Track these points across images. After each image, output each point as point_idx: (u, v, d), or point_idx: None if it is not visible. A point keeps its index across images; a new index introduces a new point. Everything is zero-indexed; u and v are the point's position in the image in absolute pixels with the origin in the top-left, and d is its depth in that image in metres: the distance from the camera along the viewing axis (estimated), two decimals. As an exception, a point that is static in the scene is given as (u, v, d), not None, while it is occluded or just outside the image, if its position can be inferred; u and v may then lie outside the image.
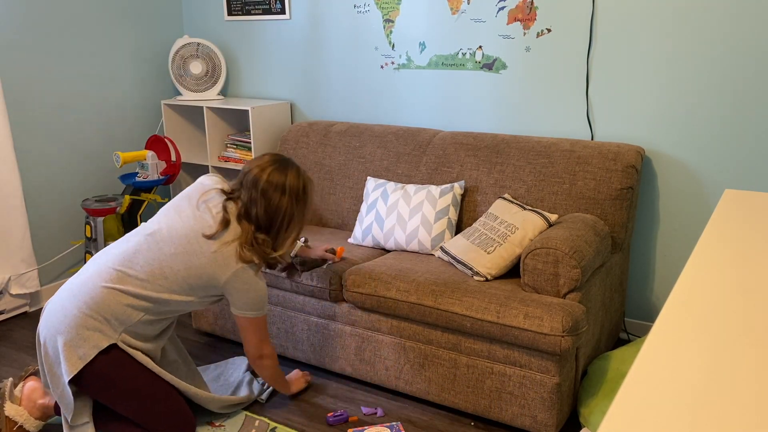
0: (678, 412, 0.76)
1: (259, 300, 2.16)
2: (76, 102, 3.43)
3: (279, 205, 2.11)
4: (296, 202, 2.15)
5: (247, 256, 2.07)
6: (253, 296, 2.13)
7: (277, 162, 2.16)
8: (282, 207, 2.12)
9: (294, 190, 2.13)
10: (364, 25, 3.31)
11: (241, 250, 2.07)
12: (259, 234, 2.11)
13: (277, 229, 2.15)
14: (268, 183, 2.10)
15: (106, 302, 2.03)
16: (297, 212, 2.16)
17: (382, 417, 2.37)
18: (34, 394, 2.24)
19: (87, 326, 2.01)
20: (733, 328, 0.98)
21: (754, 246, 1.33)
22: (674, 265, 2.78)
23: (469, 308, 2.18)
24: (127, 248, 2.11)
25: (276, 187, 2.10)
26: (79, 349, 2.01)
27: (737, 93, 2.51)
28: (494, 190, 2.73)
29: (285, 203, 2.12)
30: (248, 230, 2.09)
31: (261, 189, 2.09)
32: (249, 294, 2.12)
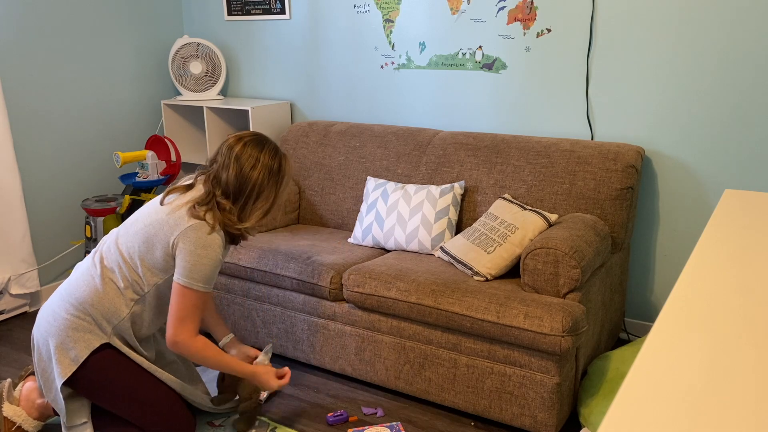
0: (678, 412, 0.76)
1: (201, 267, 1.99)
2: (76, 102, 3.43)
3: (250, 174, 2.04)
4: (268, 176, 2.07)
5: (198, 212, 2.00)
6: (195, 260, 1.98)
7: (256, 136, 2.12)
8: (252, 177, 2.04)
9: (268, 164, 2.07)
10: (364, 25, 3.31)
11: (193, 209, 2.00)
12: (223, 200, 2.04)
13: (245, 199, 2.06)
14: (243, 150, 2.05)
15: (91, 301, 2.03)
16: (268, 187, 2.08)
17: (382, 417, 2.37)
18: (33, 394, 2.24)
19: (77, 328, 2.01)
20: (733, 328, 0.98)
21: (754, 246, 1.33)
22: (674, 265, 2.78)
23: (469, 308, 2.18)
24: (106, 244, 2.12)
25: (250, 156, 2.05)
26: (71, 352, 2.01)
27: (737, 93, 2.51)
28: (494, 190, 2.73)
29: (256, 174, 2.05)
30: (209, 191, 2.04)
31: (235, 155, 2.04)
32: (193, 256, 1.98)
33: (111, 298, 2.04)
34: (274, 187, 2.11)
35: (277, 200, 2.15)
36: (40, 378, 2.08)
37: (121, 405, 2.07)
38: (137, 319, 2.10)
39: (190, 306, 2.02)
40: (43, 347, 2.06)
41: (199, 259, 1.98)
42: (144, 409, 2.08)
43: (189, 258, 1.98)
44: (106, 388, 2.04)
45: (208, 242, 1.99)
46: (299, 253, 2.64)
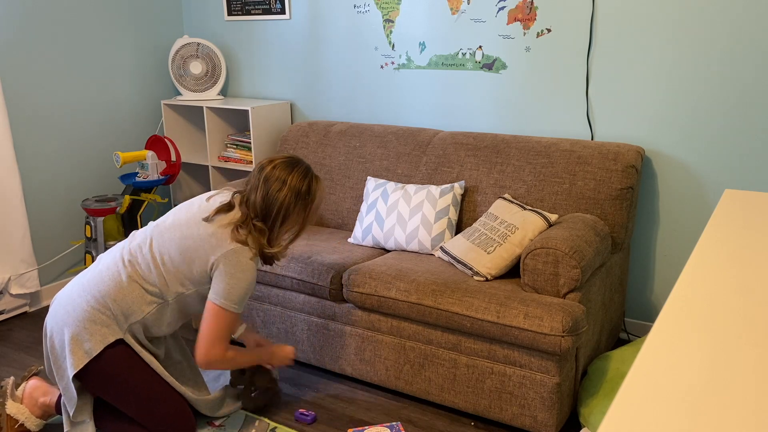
0: (678, 412, 0.76)
1: (238, 290, 2.03)
2: (76, 102, 3.43)
3: (277, 196, 2.05)
4: (296, 198, 2.08)
5: (241, 236, 2.03)
6: (234, 283, 2.02)
7: (288, 159, 2.13)
8: (279, 198, 2.05)
9: (295, 187, 2.08)
10: (364, 25, 3.31)
11: (236, 231, 2.03)
12: (258, 222, 2.06)
13: (272, 222, 2.08)
14: (272, 172, 2.07)
15: (114, 295, 2.03)
16: (296, 210, 2.10)
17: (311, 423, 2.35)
18: (36, 393, 2.24)
19: (95, 320, 2.01)
20: (733, 328, 0.98)
21: (754, 246, 1.33)
22: (674, 265, 2.78)
23: (469, 308, 2.19)
24: (138, 242, 2.12)
25: (278, 178, 2.06)
26: (85, 344, 2.01)
27: (737, 93, 2.51)
28: (494, 190, 2.73)
29: (283, 195, 2.06)
30: (246, 214, 2.07)
31: (264, 176, 2.07)
32: (233, 279, 2.02)
33: (134, 297, 2.05)
34: (303, 210, 2.12)
35: (306, 223, 2.16)
36: (53, 367, 2.09)
37: (127, 401, 2.07)
38: (154, 322, 2.11)
39: (224, 326, 2.06)
40: (57, 336, 2.05)
41: (237, 282, 2.02)
42: (149, 407, 2.09)
43: (228, 280, 2.02)
44: (114, 383, 2.05)
45: (248, 266, 2.04)
46: (299, 253, 2.64)
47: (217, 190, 2.24)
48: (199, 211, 2.11)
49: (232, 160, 3.60)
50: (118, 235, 3.27)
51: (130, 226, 3.36)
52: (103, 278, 2.06)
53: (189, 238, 2.05)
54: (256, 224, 2.06)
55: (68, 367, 2.02)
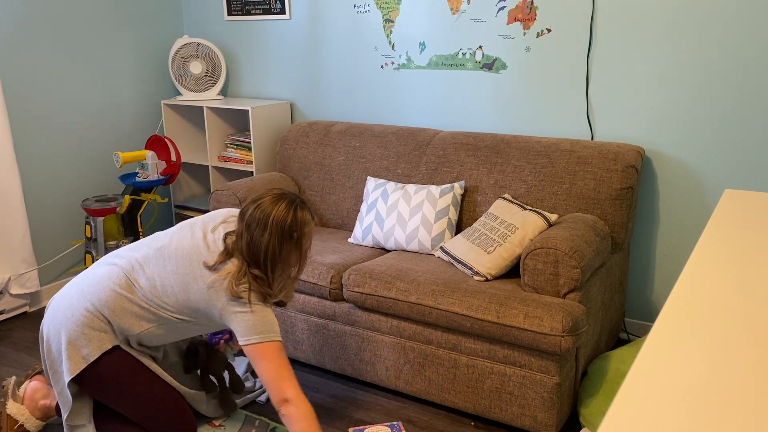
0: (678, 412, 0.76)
1: (260, 323, 1.93)
2: (76, 102, 3.43)
3: (261, 241, 1.92)
4: (281, 240, 1.93)
5: (237, 291, 1.92)
6: (252, 320, 1.92)
7: (273, 195, 1.98)
8: (263, 244, 1.92)
9: (278, 226, 1.92)
10: (364, 25, 3.31)
11: (232, 286, 1.92)
12: (254, 270, 1.95)
13: (265, 268, 1.95)
14: (252, 215, 1.93)
15: (113, 307, 2.01)
16: (283, 251, 1.95)
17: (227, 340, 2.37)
18: (37, 394, 2.24)
19: (93, 326, 2.01)
20: (733, 328, 0.98)
21: (754, 246, 1.33)
22: (674, 265, 2.78)
23: (469, 308, 2.18)
24: (138, 258, 2.06)
25: (259, 222, 1.92)
26: (83, 349, 2.00)
27: (737, 93, 2.51)
28: (494, 190, 2.73)
29: (266, 241, 1.92)
30: (240, 265, 1.95)
31: (246, 223, 1.94)
32: (247, 319, 1.93)
33: (128, 315, 2.02)
34: (290, 250, 1.98)
35: (305, 258, 2.04)
36: (49, 370, 2.08)
37: (125, 404, 2.07)
38: (150, 339, 2.09)
39: (281, 361, 1.92)
40: (54, 340, 2.04)
41: (254, 317, 1.92)
42: (149, 409, 2.08)
43: (250, 317, 1.92)
44: (113, 386, 2.04)
45: (253, 307, 1.94)
46: (299, 253, 2.64)
47: (223, 214, 2.12)
48: (202, 246, 2.01)
49: (232, 160, 3.60)
50: (118, 235, 3.27)
51: (130, 226, 3.36)
52: (103, 287, 2.03)
53: (192, 278, 1.98)
54: (254, 273, 1.95)
55: (65, 372, 2.01)
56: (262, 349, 1.92)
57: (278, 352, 1.93)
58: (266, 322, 1.93)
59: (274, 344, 1.93)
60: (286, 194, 2.00)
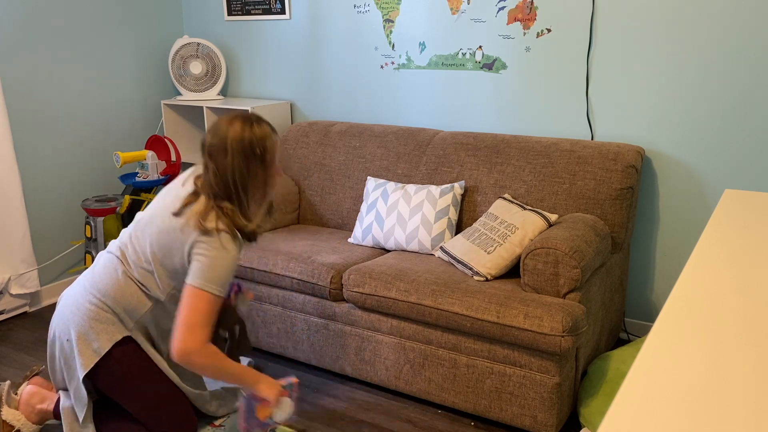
0: (678, 412, 0.76)
1: (215, 268, 1.86)
2: (76, 102, 3.43)
3: (224, 165, 1.85)
4: (244, 159, 1.87)
5: (209, 225, 1.87)
6: (210, 262, 1.86)
7: (226, 118, 1.92)
8: (228, 168, 1.86)
9: (238, 145, 1.86)
10: (364, 25, 3.31)
11: (201, 222, 1.87)
12: (223, 203, 1.89)
13: (236, 196, 1.89)
14: (211, 144, 1.87)
15: (113, 294, 2.01)
16: (250, 171, 1.89)
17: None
18: (33, 399, 2.23)
19: (100, 319, 2.00)
20: (733, 328, 0.98)
21: (754, 246, 1.33)
22: (674, 265, 2.78)
23: (469, 308, 2.19)
24: (125, 238, 2.08)
25: (219, 147, 1.86)
26: (93, 343, 1.99)
27: (737, 93, 2.51)
28: (494, 190, 2.73)
29: (230, 163, 1.85)
30: (208, 199, 1.90)
31: (207, 152, 1.89)
32: (208, 259, 1.87)
33: (132, 293, 2.01)
34: (261, 167, 1.91)
35: (273, 179, 1.97)
36: (63, 367, 2.06)
37: (132, 400, 2.06)
38: (159, 313, 2.07)
39: (203, 310, 1.87)
40: (64, 337, 2.03)
41: (213, 261, 1.87)
42: (154, 407, 2.07)
43: (204, 260, 1.88)
44: (123, 381, 2.03)
45: (222, 245, 1.88)
46: (299, 253, 2.64)
47: (192, 168, 2.09)
48: (173, 201, 1.99)
49: (232, 160, 3.59)
50: (118, 235, 3.27)
51: (130, 226, 3.36)
52: (102, 277, 2.04)
53: (164, 231, 1.95)
54: (222, 206, 1.89)
55: (78, 368, 2.01)
56: (193, 293, 1.87)
57: (206, 305, 1.86)
58: (215, 271, 1.86)
59: (207, 295, 1.86)
60: (240, 114, 1.94)
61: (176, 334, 1.87)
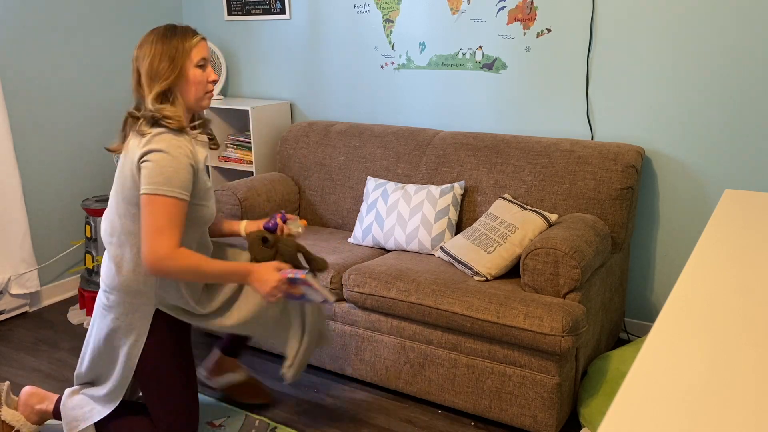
0: (678, 412, 0.76)
1: (157, 172, 1.76)
2: (76, 102, 3.43)
3: (146, 60, 1.86)
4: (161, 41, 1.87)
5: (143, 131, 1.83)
6: (154, 165, 1.77)
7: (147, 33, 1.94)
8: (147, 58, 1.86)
9: (154, 34, 1.89)
10: (364, 25, 3.31)
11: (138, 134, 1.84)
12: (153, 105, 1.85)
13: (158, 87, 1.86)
14: (135, 55, 1.91)
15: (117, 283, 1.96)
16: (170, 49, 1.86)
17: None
18: (32, 400, 2.21)
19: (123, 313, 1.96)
20: (733, 328, 0.98)
21: (754, 246, 1.33)
22: (674, 265, 2.78)
23: (469, 308, 2.19)
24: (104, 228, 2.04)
25: (140, 48, 1.90)
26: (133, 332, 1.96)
27: (737, 93, 2.51)
28: (494, 190, 2.73)
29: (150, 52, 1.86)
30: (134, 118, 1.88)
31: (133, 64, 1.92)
32: (152, 163, 1.78)
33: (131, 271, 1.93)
34: (162, 43, 1.86)
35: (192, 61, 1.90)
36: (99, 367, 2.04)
37: (150, 386, 2.04)
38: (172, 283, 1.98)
39: (162, 214, 1.75)
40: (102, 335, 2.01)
41: (157, 162, 1.78)
42: (166, 397, 2.04)
43: (148, 165, 1.78)
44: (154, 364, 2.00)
45: (164, 143, 1.80)
46: (299, 253, 2.64)
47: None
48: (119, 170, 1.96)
49: (232, 160, 3.60)
50: (118, 235, 3.27)
51: (130, 226, 3.36)
52: (105, 273, 2.01)
53: (117, 177, 1.91)
54: (150, 110, 1.85)
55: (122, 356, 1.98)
56: (147, 200, 1.77)
57: (164, 208, 1.76)
58: (163, 172, 1.77)
59: (162, 199, 1.76)
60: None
61: (142, 248, 1.79)
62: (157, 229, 1.76)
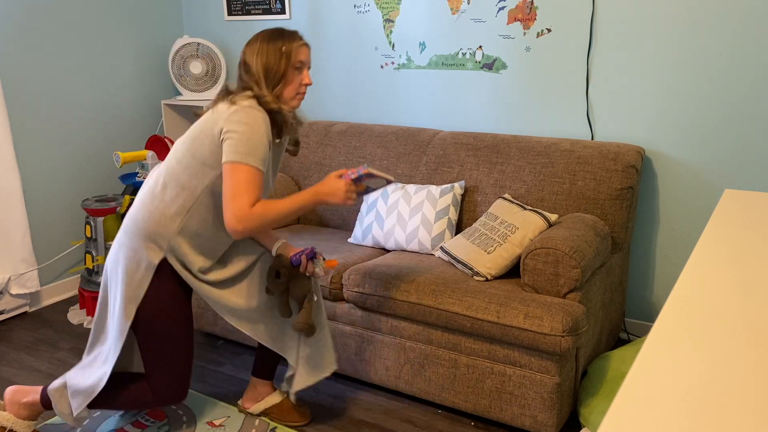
0: (678, 412, 0.76)
1: (247, 141, 1.90)
2: (76, 102, 3.43)
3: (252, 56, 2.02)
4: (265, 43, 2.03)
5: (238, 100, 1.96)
6: (240, 137, 1.90)
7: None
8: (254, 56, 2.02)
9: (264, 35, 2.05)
10: (364, 25, 3.31)
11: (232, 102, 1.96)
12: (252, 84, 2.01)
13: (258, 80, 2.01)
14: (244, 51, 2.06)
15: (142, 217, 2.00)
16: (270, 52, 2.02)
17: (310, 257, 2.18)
18: (17, 396, 2.19)
19: (135, 248, 2.00)
20: (733, 328, 0.98)
21: (754, 246, 1.33)
22: (674, 265, 2.78)
23: (469, 308, 2.19)
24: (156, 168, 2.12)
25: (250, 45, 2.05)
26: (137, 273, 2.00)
27: (737, 93, 2.51)
28: (494, 190, 2.73)
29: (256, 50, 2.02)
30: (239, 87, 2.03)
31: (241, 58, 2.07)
32: (237, 134, 1.91)
33: (161, 211, 1.99)
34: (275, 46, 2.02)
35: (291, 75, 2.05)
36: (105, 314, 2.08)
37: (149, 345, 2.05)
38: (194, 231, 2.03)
39: (243, 181, 1.89)
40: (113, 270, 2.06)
41: (243, 135, 1.90)
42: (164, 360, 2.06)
43: (234, 136, 1.91)
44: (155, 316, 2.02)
45: (251, 118, 1.92)
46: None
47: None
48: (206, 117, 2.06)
49: (232, 160, 3.59)
50: (118, 235, 3.27)
51: (130, 226, 3.36)
52: (132, 210, 2.06)
53: (196, 126, 2.01)
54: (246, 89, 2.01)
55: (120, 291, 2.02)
56: (231, 168, 1.90)
57: (245, 176, 1.89)
58: (248, 143, 1.90)
59: (245, 167, 1.89)
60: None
61: (225, 213, 1.91)
62: (236, 193, 1.89)
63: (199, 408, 2.44)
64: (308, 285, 2.17)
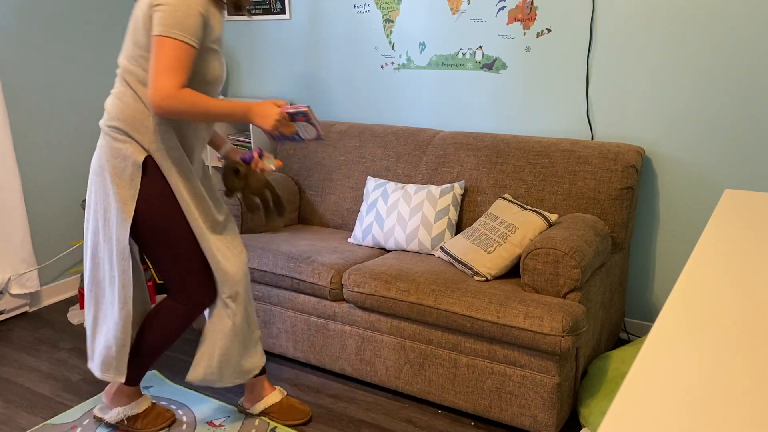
0: (678, 412, 0.76)
1: (170, 17, 1.79)
2: (76, 102, 3.43)
3: None
4: None
5: None
6: (168, 9, 1.80)
7: None
8: None
9: None
10: (364, 25, 3.31)
11: None
12: None
13: None
14: None
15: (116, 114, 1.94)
16: None
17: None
18: (110, 391, 2.25)
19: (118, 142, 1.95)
20: (733, 328, 0.98)
21: (754, 246, 1.33)
22: (674, 265, 2.78)
23: (469, 308, 2.19)
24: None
25: None
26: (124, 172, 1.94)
27: (737, 93, 2.51)
28: (494, 190, 2.73)
29: None
30: None
31: None
32: (166, 7, 1.80)
33: (131, 105, 1.95)
34: None
35: None
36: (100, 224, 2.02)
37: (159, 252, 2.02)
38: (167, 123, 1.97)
39: (170, 56, 1.80)
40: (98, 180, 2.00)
41: (170, 6, 1.80)
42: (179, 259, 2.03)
43: (162, 8, 1.81)
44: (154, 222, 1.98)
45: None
46: (299, 253, 2.64)
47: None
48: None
49: (232, 160, 3.59)
50: (118, 235, 3.27)
51: (130, 226, 3.36)
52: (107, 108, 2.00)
53: (132, 21, 1.92)
54: None
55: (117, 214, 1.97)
56: (157, 42, 1.81)
57: (173, 51, 1.80)
58: (175, 16, 1.80)
59: (171, 41, 1.80)
60: None
61: (149, 88, 1.83)
62: (162, 69, 1.80)
63: (199, 408, 2.44)
64: (264, 178, 2.21)
